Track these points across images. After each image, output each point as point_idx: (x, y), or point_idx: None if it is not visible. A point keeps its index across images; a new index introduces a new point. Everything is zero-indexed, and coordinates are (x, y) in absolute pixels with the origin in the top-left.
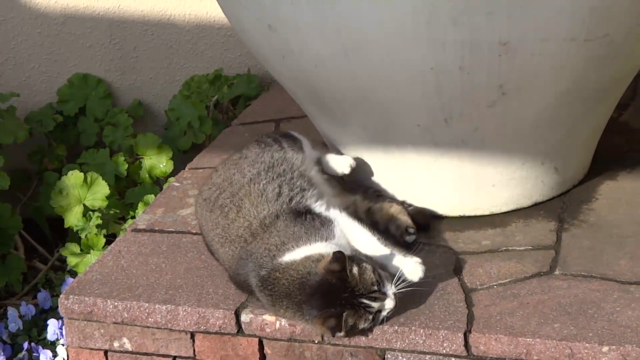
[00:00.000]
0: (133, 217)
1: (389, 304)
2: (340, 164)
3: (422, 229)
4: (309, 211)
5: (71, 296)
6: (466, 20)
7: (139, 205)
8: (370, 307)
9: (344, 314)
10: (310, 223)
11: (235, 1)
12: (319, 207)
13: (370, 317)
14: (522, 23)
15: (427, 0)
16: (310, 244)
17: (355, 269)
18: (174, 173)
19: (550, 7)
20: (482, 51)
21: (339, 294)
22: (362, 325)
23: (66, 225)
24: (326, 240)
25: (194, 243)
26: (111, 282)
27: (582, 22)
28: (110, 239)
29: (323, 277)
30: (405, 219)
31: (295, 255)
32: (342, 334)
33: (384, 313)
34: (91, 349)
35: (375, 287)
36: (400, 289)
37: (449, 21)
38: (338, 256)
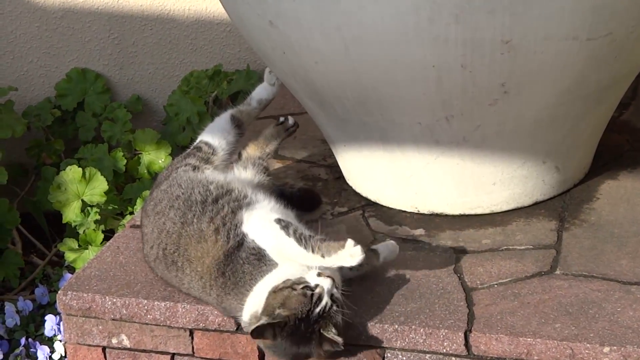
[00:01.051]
0: (132, 213)
1: (322, 282)
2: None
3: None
4: (243, 243)
5: (69, 292)
6: (468, 18)
7: (138, 201)
8: (320, 310)
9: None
10: (253, 262)
11: None
12: (249, 227)
13: (332, 308)
14: (524, 21)
15: None
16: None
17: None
18: None
19: (552, 5)
20: (484, 49)
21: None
22: (337, 320)
23: (64, 221)
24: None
25: None
26: (110, 278)
27: (584, 21)
28: (108, 234)
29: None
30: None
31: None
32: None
33: (330, 287)
34: (89, 345)
35: (306, 297)
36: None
37: (451, 19)
38: (258, 330)
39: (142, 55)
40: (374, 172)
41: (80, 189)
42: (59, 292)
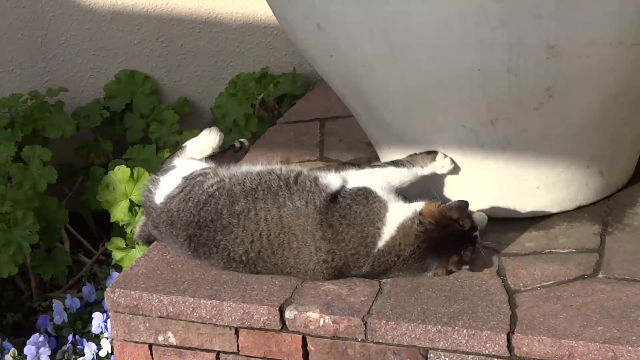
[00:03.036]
0: None
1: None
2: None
3: None
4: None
5: (117, 289)
6: (514, 22)
7: None
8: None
9: (461, 252)
10: (359, 200)
11: (284, 0)
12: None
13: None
14: (569, 26)
15: (475, 1)
16: (386, 217)
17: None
18: None
19: (598, 10)
20: (530, 53)
21: (448, 239)
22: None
23: (112, 220)
24: (389, 203)
25: None
26: (157, 276)
27: (630, 26)
28: None
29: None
30: None
31: (386, 234)
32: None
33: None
34: (136, 342)
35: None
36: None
37: (497, 23)
38: (460, 205)
39: (190, 57)
40: None
41: (129, 188)
42: (107, 289)
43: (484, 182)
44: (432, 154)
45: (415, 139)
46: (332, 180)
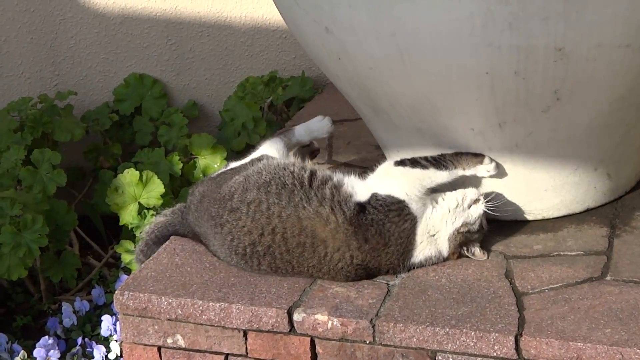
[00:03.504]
0: None
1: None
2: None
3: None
4: (365, 207)
5: (126, 292)
6: (522, 25)
7: None
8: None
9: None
10: (392, 218)
11: (292, 3)
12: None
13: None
14: (577, 29)
15: (483, 4)
16: (417, 232)
17: None
18: None
19: (605, 13)
20: (538, 56)
21: None
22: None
23: (121, 223)
24: (420, 218)
25: None
26: (166, 279)
27: (638, 28)
28: None
29: None
30: None
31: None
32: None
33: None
34: (145, 344)
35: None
36: None
37: (505, 26)
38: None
39: (199, 61)
40: None
41: (137, 191)
42: (116, 292)
43: (492, 185)
44: (479, 157)
45: (423, 142)
46: (357, 189)
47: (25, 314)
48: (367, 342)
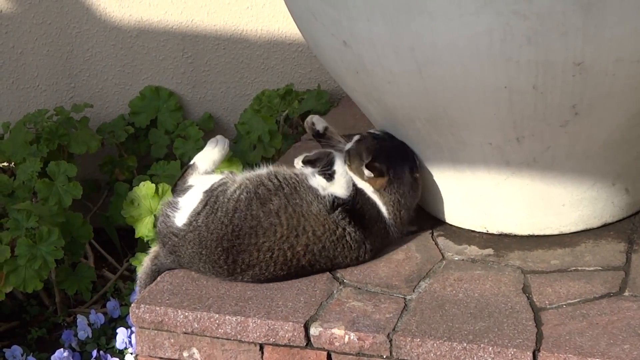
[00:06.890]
0: None
1: None
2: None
3: None
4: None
5: (142, 305)
6: (541, 40)
7: None
8: None
9: None
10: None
11: (311, 17)
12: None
13: None
14: (596, 43)
15: (502, 19)
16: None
17: None
18: None
19: (625, 27)
20: (556, 71)
21: None
22: None
23: (137, 236)
24: None
25: None
26: (182, 292)
27: None
28: None
29: None
30: None
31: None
32: None
33: None
34: (161, 358)
35: None
36: None
37: (523, 40)
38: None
39: (215, 74)
40: (444, 191)
41: (153, 204)
42: (132, 305)
43: (510, 200)
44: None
45: (440, 156)
46: (336, 191)
47: (40, 326)
48: (384, 356)
